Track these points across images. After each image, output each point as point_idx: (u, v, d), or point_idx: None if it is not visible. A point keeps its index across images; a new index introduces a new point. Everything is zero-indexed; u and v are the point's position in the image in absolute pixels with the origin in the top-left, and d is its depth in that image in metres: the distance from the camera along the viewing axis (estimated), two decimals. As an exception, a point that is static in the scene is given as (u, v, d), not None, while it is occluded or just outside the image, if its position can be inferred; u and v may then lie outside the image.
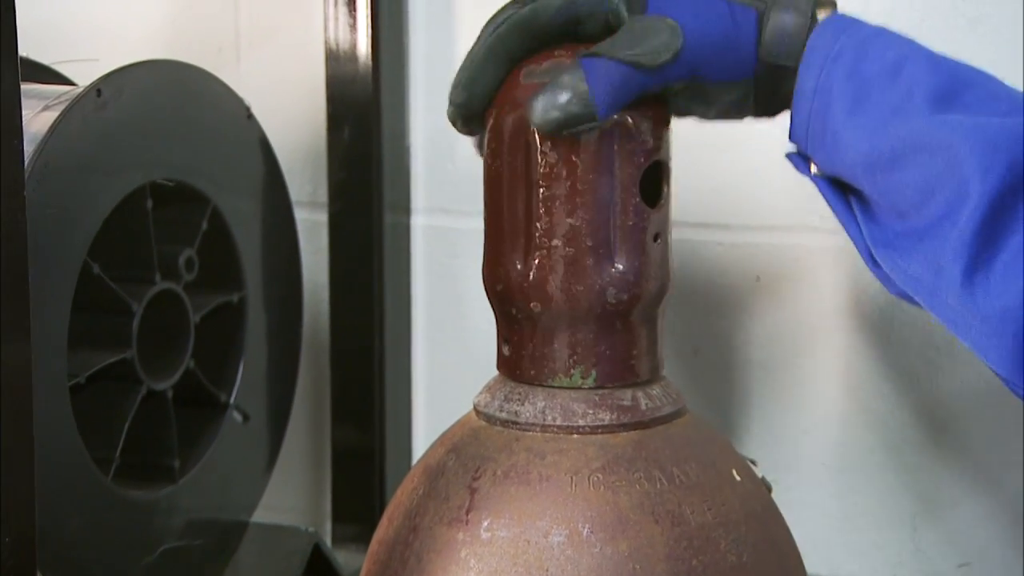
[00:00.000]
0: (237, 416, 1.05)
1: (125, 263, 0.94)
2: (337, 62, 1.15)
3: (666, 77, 0.79)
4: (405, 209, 1.20)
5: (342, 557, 1.16)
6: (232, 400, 1.05)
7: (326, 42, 1.15)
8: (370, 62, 1.14)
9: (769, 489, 0.89)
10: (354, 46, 1.14)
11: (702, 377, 1.13)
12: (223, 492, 1.05)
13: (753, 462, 0.91)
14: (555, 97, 0.77)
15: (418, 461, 0.90)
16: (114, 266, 0.92)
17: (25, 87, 0.72)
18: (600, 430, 0.84)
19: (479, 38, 0.82)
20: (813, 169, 0.80)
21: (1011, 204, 0.68)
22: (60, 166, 0.86)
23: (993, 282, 0.69)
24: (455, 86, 0.82)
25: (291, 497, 1.27)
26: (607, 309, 0.82)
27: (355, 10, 1.14)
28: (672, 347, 1.13)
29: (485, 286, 0.85)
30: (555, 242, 0.81)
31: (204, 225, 1.00)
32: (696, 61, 0.79)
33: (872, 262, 0.78)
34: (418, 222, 1.20)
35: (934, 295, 0.72)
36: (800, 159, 0.81)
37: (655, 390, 0.87)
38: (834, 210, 0.79)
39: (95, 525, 0.91)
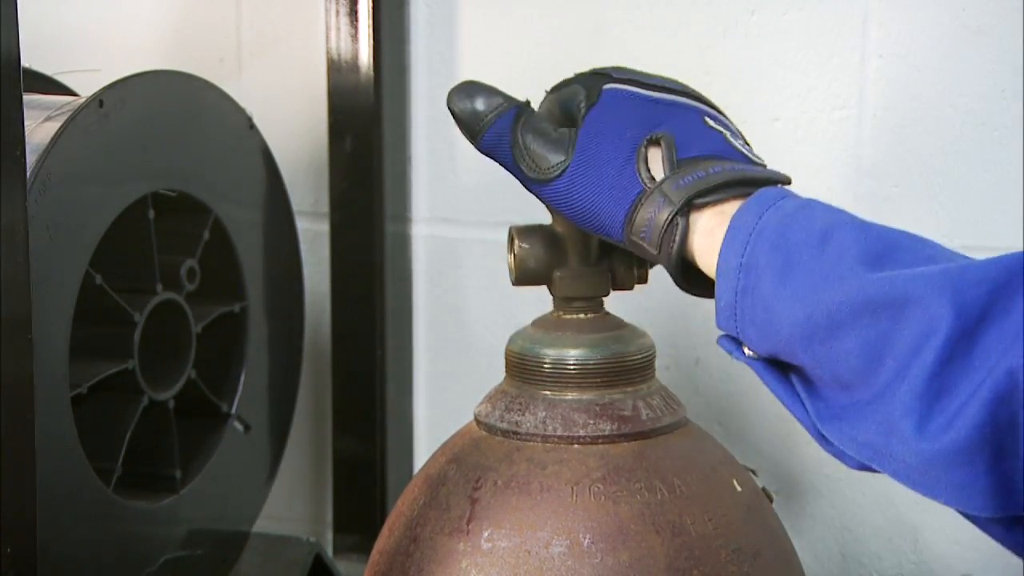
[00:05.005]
0: (238, 426, 1.05)
1: (127, 273, 0.94)
2: (339, 72, 1.15)
3: (532, 190, 0.83)
4: (406, 219, 1.20)
5: (343, 567, 1.16)
6: (233, 410, 1.05)
7: (328, 52, 1.15)
8: (372, 72, 1.14)
9: (770, 499, 0.89)
10: (356, 56, 1.14)
11: (703, 386, 1.13)
12: (224, 502, 1.05)
13: (754, 472, 0.91)
14: (471, 97, 0.84)
15: (419, 471, 0.90)
16: (116, 276, 0.92)
17: (27, 98, 0.73)
18: (601, 440, 0.84)
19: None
20: (747, 351, 0.76)
21: (962, 352, 0.66)
22: (62, 176, 0.86)
23: (947, 423, 0.66)
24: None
25: (292, 507, 1.27)
26: None
27: (357, 20, 1.14)
28: (673, 357, 1.13)
29: None
30: None
31: (206, 235, 1.01)
32: (566, 198, 0.82)
33: (823, 440, 0.73)
34: (419, 232, 1.20)
35: (889, 457, 0.69)
36: (732, 343, 0.77)
37: (656, 400, 0.87)
38: (774, 391, 0.75)
39: (96, 535, 0.91)
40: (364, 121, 1.15)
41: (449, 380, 1.21)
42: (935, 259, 0.71)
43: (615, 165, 0.80)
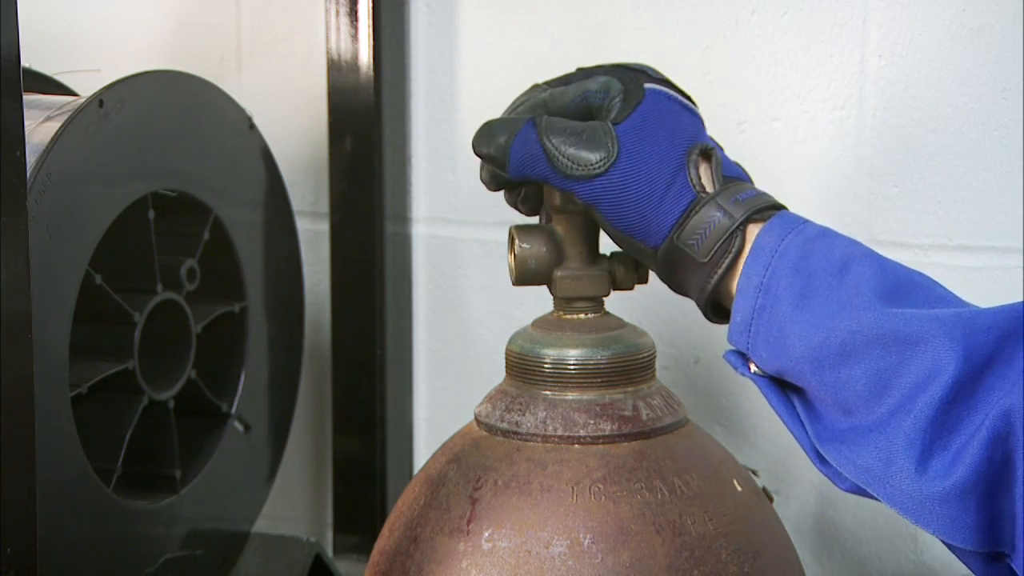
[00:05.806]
0: (238, 426, 1.05)
1: (127, 273, 0.94)
2: (339, 72, 1.15)
3: (572, 188, 0.82)
4: (406, 219, 1.20)
5: (343, 567, 1.16)
6: (233, 410, 1.05)
7: (328, 52, 1.15)
8: (372, 72, 1.14)
9: (770, 499, 0.90)
10: (356, 56, 1.14)
11: (703, 386, 1.13)
12: (224, 502, 1.05)
13: (754, 472, 0.91)
14: (490, 135, 0.83)
15: (419, 471, 0.90)
16: (116, 276, 0.92)
17: (27, 98, 0.73)
18: (601, 440, 0.84)
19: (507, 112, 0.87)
20: (752, 368, 0.79)
21: (966, 394, 0.69)
22: (62, 177, 0.86)
23: (949, 462, 0.69)
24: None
25: (292, 507, 1.27)
26: None
27: (357, 20, 1.14)
28: (673, 357, 1.13)
29: None
30: None
31: (206, 235, 1.01)
32: (612, 195, 0.81)
33: (819, 460, 0.77)
34: (419, 232, 1.20)
35: (886, 484, 0.72)
36: (738, 358, 0.80)
37: (656, 400, 0.87)
38: (775, 408, 0.78)
39: (97, 535, 0.91)
40: (364, 121, 1.15)
41: (449, 380, 1.21)
42: (945, 300, 0.74)
43: (668, 167, 0.80)
